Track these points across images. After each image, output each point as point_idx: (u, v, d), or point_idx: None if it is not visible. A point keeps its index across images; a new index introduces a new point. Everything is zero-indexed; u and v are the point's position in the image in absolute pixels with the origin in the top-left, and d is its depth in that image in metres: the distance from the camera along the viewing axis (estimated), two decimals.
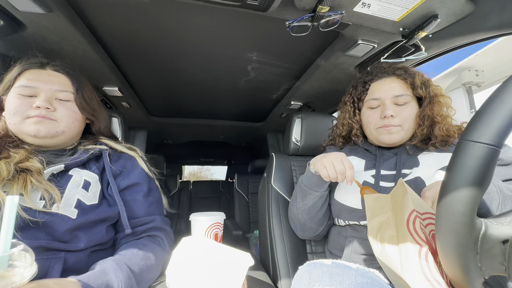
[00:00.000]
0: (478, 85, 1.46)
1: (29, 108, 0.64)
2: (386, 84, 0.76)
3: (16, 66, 0.69)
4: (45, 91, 0.66)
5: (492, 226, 0.34)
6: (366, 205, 0.60)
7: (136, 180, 0.72)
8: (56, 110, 0.67)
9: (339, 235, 0.78)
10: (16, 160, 0.58)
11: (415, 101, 0.75)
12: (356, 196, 0.71)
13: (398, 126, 0.73)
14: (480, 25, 0.70)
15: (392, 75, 0.77)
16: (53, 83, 0.68)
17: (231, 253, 0.55)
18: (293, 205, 0.84)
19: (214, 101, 1.61)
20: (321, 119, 1.13)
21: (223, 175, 3.94)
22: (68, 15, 0.72)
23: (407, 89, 0.74)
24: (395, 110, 0.73)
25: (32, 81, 0.66)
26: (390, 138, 0.73)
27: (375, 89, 0.78)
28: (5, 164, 0.57)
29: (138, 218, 0.69)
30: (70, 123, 0.69)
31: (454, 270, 0.38)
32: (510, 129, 0.32)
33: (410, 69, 0.78)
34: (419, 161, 0.71)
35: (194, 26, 0.84)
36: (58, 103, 0.68)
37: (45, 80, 0.67)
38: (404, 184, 0.52)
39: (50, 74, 0.69)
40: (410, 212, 0.49)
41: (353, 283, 0.47)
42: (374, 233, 0.56)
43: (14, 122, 0.64)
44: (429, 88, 0.74)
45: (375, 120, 0.76)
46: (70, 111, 0.69)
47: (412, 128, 0.74)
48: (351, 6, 0.66)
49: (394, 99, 0.74)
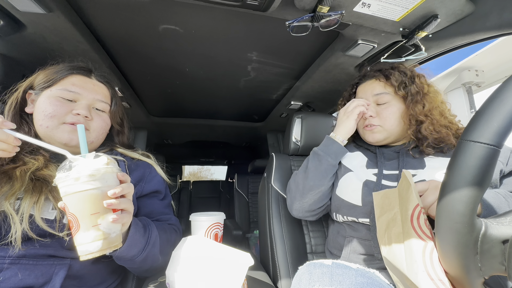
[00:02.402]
0: (478, 85, 1.45)
1: (68, 113, 0.63)
2: (368, 85, 0.81)
3: (61, 67, 0.68)
4: (87, 99, 0.66)
5: (492, 226, 0.34)
6: (375, 203, 0.60)
7: (156, 188, 0.75)
8: (92, 120, 0.67)
9: (338, 234, 0.78)
10: (34, 168, 0.56)
11: (398, 100, 0.76)
12: (357, 192, 0.71)
13: (378, 126, 0.76)
14: (480, 25, 0.70)
15: (372, 77, 0.81)
16: (96, 92, 0.69)
17: (231, 253, 0.55)
18: (300, 173, 0.83)
19: (214, 101, 1.61)
20: (321, 119, 1.13)
21: (223, 175, 3.95)
22: (68, 15, 0.72)
23: (386, 88, 0.77)
24: (376, 110, 0.77)
25: (77, 86, 0.66)
26: (373, 137, 0.78)
27: (359, 91, 0.84)
28: (20, 173, 0.55)
29: (155, 217, 0.72)
30: (100, 134, 0.69)
31: (454, 270, 0.38)
32: (510, 129, 0.32)
33: (388, 70, 0.78)
34: (425, 163, 0.69)
35: (194, 26, 0.84)
36: (94, 112, 0.68)
37: (90, 88, 0.68)
38: (407, 177, 0.51)
39: (94, 83, 0.70)
40: (414, 207, 0.48)
41: (353, 283, 0.47)
42: (382, 232, 0.55)
43: (48, 125, 0.61)
44: (412, 86, 0.74)
45: (361, 122, 0.81)
46: (104, 123, 0.70)
47: (396, 127, 0.75)
48: (351, 6, 0.66)
49: (375, 98, 0.78)
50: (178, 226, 0.76)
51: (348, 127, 0.78)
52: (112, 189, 0.46)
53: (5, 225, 0.51)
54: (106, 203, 0.45)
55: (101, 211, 0.45)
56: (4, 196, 0.52)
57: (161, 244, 0.62)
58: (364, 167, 0.77)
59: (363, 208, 0.68)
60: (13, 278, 0.50)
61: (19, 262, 0.51)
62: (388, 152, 0.78)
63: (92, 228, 0.44)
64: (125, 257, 0.57)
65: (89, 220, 0.44)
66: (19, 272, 0.51)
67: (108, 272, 0.65)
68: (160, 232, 0.64)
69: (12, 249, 0.50)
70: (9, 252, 0.50)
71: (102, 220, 0.45)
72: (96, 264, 0.61)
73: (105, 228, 0.45)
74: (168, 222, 0.73)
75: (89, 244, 0.44)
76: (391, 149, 0.78)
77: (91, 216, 0.44)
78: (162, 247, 0.63)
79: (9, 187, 0.53)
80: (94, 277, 0.62)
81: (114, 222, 0.46)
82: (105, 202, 0.45)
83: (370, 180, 0.72)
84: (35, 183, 0.55)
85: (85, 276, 0.59)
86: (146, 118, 1.75)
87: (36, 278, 0.52)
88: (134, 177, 0.71)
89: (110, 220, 0.46)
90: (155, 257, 0.62)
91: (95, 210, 0.45)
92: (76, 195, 0.44)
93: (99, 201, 0.45)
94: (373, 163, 0.77)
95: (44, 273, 0.53)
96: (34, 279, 0.52)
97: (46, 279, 0.53)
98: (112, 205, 0.46)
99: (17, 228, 0.50)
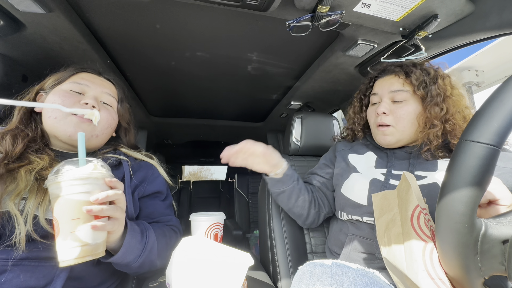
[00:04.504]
0: (478, 85, 1.46)
1: (76, 104, 0.64)
2: (386, 80, 0.77)
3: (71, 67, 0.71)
4: (95, 91, 0.69)
5: (492, 226, 0.34)
6: (374, 204, 0.59)
7: (158, 189, 0.75)
8: (99, 111, 0.67)
9: (340, 232, 0.78)
10: (39, 168, 0.56)
11: (415, 100, 0.71)
12: (363, 192, 0.70)
13: (390, 127, 0.72)
14: (480, 25, 0.70)
15: (392, 73, 0.77)
16: (104, 86, 0.72)
17: (231, 253, 0.55)
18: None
19: (214, 101, 1.61)
20: (321, 119, 1.13)
21: (223, 175, 3.95)
22: (68, 15, 0.72)
23: (405, 86, 0.72)
24: (390, 108, 0.73)
25: (86, 80, 0.69)
26: (385, 139, 0.74)
27: (376, 85, 0.79)
28: (25, 173, 0.54)
29: (156, 218, 0.72)
30: (105, 128, 0.69)
31: (454, 270, 0.38)
32: (510, 129, 0.32)
33: (410, 67, 0.74)
34: (438, 166, 0.66)
35: (194, 26, 0.84)
36: (102, 105, 0.70)
37: (98, 82, 0.71)
38: (407, 178, 0.51)
39: (102, 80, 0.74)
40: (414, 207, 0.48)
41: (353, 283, 0.47)
42: (382, 233, 0.55)
43: (56, 116, 0.62)
44: (433, 86, 0.69)
45: (373, 118, 0.77)
46: (110, 116, 0.71)
47: (409, 128, 0.71)
48: (351, 6, 0.66)
49: (391, 94, 0.73)
50: (178, 227, 0.76)
51: (259, 163, 0.76)
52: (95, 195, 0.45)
53: (9, 226, 0.51)
54: (85, 209, 0.44)
55: (81, 218, 0.44)
56: (9, 196, 0.51)
57: (159, 249, 0.62)
58: (372, 168, 0.74)
59: (368, 208, 0.68)
60: (15, 280, 0.50)
61: (21, 263, 0.51)
62: (399, 153, 0.75)
63: (70, 234, 0.43)
64: (120, 263, 0.56)
65: (68, 226, 0.43)
66: (21, 273, 0.50)
67: (108, 273, 0.65)
68: (158, 237, 0.63)
69: (16, 251, 0.50)
70: (12, 254, 0.50)
71: (81, 227, 0.43)
72: (97, 265, 0.61)
73: (84, 235, 0.44)
74: (169, 223, 0.73)
75: (66, 250, 0.42)
76: (402, 149, 0.75)
77: (71, 222, 0.43)
78: (161, 252, 0.62)
79: (14, 187, 0.52)
80: (95, 278, 0.62)
81: (94, 229, 0.45)
82: (84, 207, 0.44)
83: (377, 179, 0.70)
84: (40, 183, 0.55)
85: (85, 277, 0.59)
86: (146, 118, 1.75)
87: (38, 280, 0.52)
88: (137, 177, 0.71)
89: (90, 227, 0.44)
90: (152, 263, 0.61)
91: (74, 216, 0.43)
92: (59, 199, 0.43)
93: (80, 207, 0.44)
94: (383, 162, 0.74)
95: (46, 275, 0.53)
96: (36, 280, 0.51)
97: (47, 281, 0.53)
98: (92, 211, 0.44)
99: (21, 229, 0.49)
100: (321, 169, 0.90)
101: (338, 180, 0.81)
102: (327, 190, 0.86)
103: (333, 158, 0.89)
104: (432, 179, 0.64)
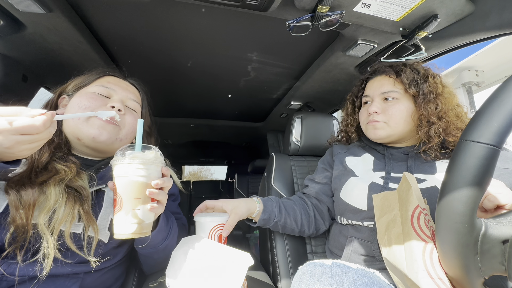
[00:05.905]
0: (478, 85, 1.46)
1: (102, 107, 0.64)
2: (377, 81, 0.78)
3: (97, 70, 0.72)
4: (120, 95, 0.69)
5: (492, 226, 0.34)
6: (375, 205, 0.59)
7: (172, 192, 0.79)
8: (125, 115, 0.68)
9: (340, 234, 0.77)
10: (67, 179, 0.55)
11: (407, 99, 0.72)
12: (362, 197, 0.69)
13: (382, 122, 0.73)
14: (480, 25, 0.70)
15: (382, 73, 0.78)
16: (129, 91, 0.73)
17: (231, 253, 0.55)
18: None
19: (214, 101, 1.61)
20: (321, 119, 1.13)
21: (223, 175, 3.95)
22: (68, 15, 0.72)
23: (396, 86, 0.74)
24: (382, 107, 0.74)
25: (112, 84, 0.70)
26: (375, 133, 0.75)
27: (368, 86, 0.81)
28: (54, 186, 0.52)
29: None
30: (130, 132, 0.70)
31: (454, 269, 0.38)
32: (510, 129, 0.32)
33: (400, 66, 0.76)
34: (437, 168, 0.67)
35: (194, 26, 0.84)
36: (127, 109, 0.70)
37: (123, 87, 0.72)
38: (407, 178, 0.51)
39: (127, 84, 0.75)
40: (414, 208, 0.48)
41: (353, 283, 0.47)
42: (382, 233, 0.56)
43: (79, 117, 0.61)
44: (424, 84, 0.70)
45: (364, 117, 0.79)
46: (134, 121, 0.71)
47: (401, 125, 0.72)
48: (351, 6, 0.66)
49: (382, 95, 0.75)
50: (186, 225, 0.82)
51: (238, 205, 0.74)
52: (155, 180, 0.50)
53: (36, 242, 0.49)
54: (149, 191, 0.49)
55: (142, 198, 0.49)
56: (39, 210, 0.50)
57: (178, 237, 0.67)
58: (370, 171, 0.74)
59: (368, 213, 0.67)
60: None
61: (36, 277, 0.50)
62: (396, 154, 0.75)
63: (132, 211, 0.48)
64: (151, 243, 0.60)
65: (131, 203, 0.48)
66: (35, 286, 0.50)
67: (113, 280, 0.67)
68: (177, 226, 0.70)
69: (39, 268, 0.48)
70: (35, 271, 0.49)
71: (141, 206, 0.49)
72: (106, 274, 0.63)
73: (142, 214, 0.49)
74: (180, 221, 0.78)
75: (126, 225, 0.48)
76: (399, 150, 0.75)
77: (134, 200, 0.48)
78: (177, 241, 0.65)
79: (44, 199, 0.51)
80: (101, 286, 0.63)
81: (151, 211, 0.50)
82: (148, 190, 0.49)
83: (376, 183, 0.70)
84: (68, 195, 0.53)
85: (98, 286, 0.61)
86: None
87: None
88: None
89: (148, 208, 0.50)
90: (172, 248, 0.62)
91: (138, 196, 0.49)
92: (126, 178, 0.48)
93: (143, 189, 0.49)
94: (381, 165, 0.74)
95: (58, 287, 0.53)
96: None
97: None
98: (153, 194, 0.50)
99: (50, 247, 0.48)
100: (320, 173, 0.89)
101: (337, 184, 0.80)
102: (326, 197, 0.85)
103: (331, 161, 0.89)
104: (432, 183, 0.64)
